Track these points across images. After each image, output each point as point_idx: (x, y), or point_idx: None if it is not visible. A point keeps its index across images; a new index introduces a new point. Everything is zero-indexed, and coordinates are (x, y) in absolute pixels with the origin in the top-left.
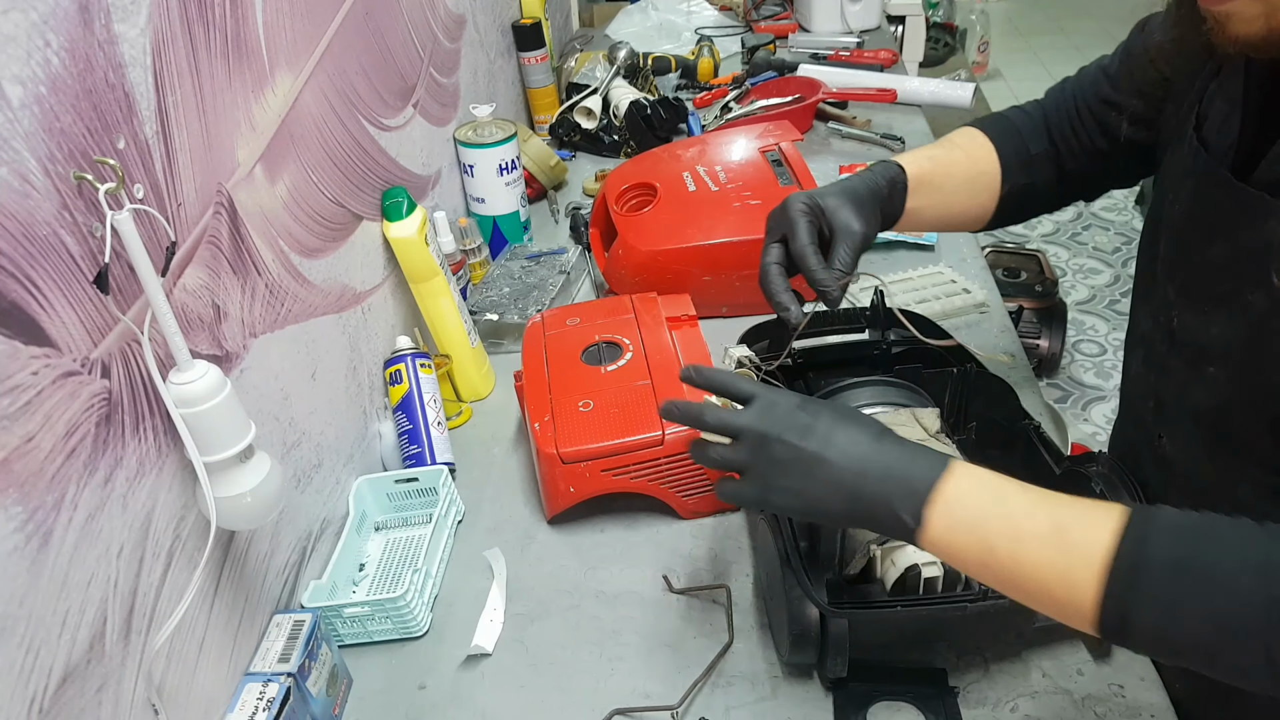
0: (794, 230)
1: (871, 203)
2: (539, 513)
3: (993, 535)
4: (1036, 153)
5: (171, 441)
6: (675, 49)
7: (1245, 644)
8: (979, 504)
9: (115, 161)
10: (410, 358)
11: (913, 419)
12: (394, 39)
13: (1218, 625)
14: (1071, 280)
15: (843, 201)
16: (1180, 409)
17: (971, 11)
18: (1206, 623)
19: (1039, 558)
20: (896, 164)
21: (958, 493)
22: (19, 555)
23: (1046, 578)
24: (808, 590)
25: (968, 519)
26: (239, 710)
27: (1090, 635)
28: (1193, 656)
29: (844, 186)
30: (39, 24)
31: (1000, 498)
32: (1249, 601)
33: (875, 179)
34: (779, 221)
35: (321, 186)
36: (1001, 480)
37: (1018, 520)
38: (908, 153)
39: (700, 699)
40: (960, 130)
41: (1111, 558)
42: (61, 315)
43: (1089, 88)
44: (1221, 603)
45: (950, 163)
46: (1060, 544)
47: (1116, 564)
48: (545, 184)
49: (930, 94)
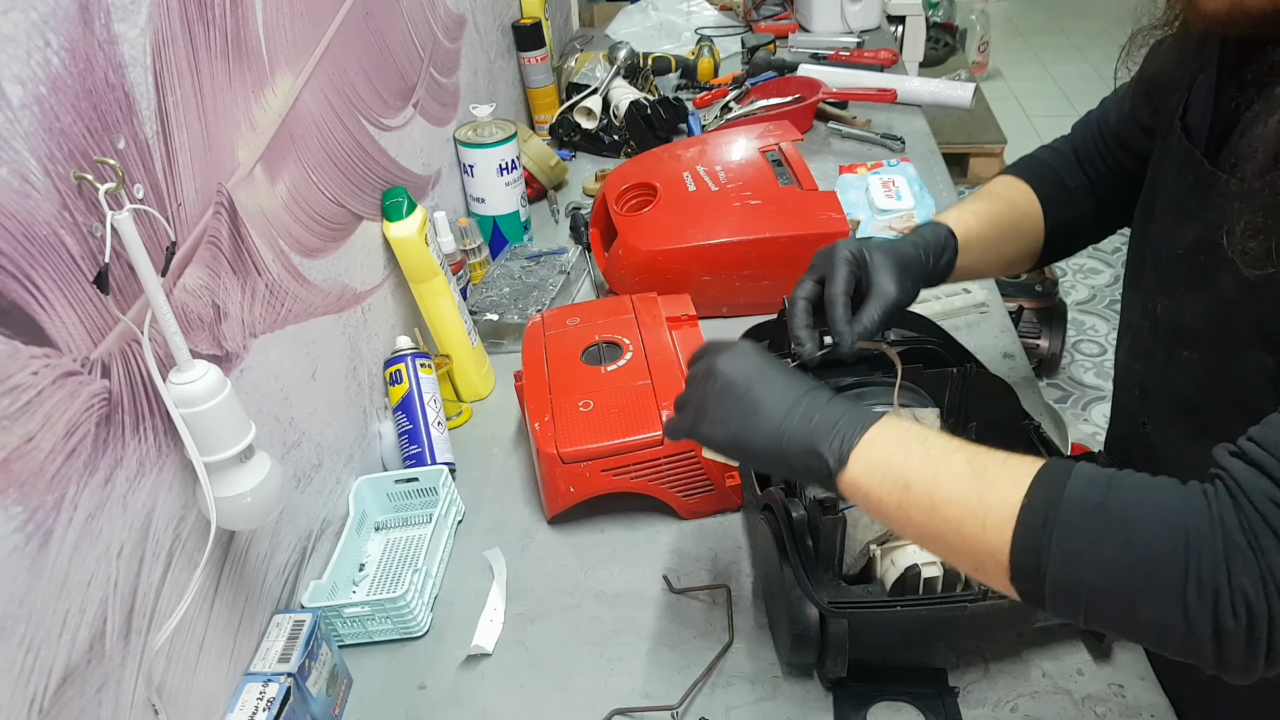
0: (833, 275)
1: (916, 271)
2: (539, 513)
3: (912, 473)
4: (1073, 186)
5: (171, 441)
6: (675, 49)
7: (1161, 594)
8: (901, 443)
9: (115, 161)
10: (410, 358)
11: (913, 419)
12: (394, 39)
13: (1133, 571)
14: (1071, 280)
15: (887, 261)
16: (1161, 395)
17: (971, 11)
18: (1121, 569)
19: (955, 495)
20: (945, 227)
21: (881, 432)
22: (19, 555)
23: (961, 518)
24: (807, 590)
25: (887, 457)
26: (239, 710)
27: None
28: (1105, 609)
29: (894, 247)
30: (39, 24)
31: (922, 438)
32: (1166, 550)
33: (925, 245)
34: (823, 261)
35: (321, 186)
36: (926, 428)
37: (936, 460)
38: (951, 210)
39: (700, 699)
40: (996, 180)
41: (1026, 496)
42: (61, 315)
43: (1109, 112)
44: (1138, 549)
45: (994, 214)
46: (978, 484)
47: (1030, 502)
48: (545, 184)
49: (930, 94)
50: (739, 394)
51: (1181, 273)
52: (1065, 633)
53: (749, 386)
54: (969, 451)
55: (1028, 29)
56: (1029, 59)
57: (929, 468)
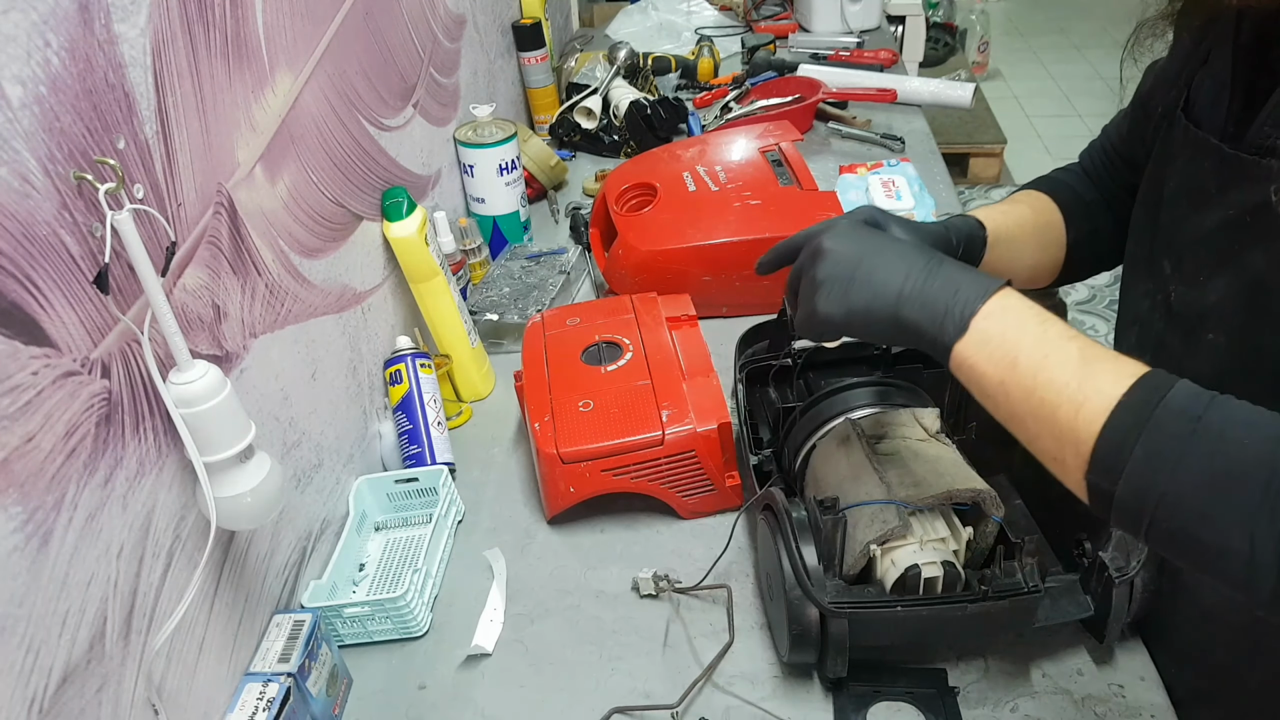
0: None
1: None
2: (539, 513)
3: (1022, 352)
4: (1090, 200)
5: (171, 441)
6: (675, 49)
7: (1234, 514)
8: (1019, 319)
9: (115, 161)
10: (410, 358)
11: (913, 419)
12: (394, 39)
13: (1211, 487)
14: None
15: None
16: None
17: (971, 11)
18: (1200, 482)
19: (1057, 379)
20: (975, 219)
21: (1001, 304)
22: (19, 555)
23: (1057, 402)
24: (807, 590)
25: (1001, 332)
26: (239, 710)
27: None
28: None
29: (917, 224)
30: (39, 24)
31: (1041, 319)
32: (1251, 471)
33: (954, 228)
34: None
35: (321, 186)
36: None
37: (1050, 342)
38: (978, 209)
39: (700, 699)
40: (1017, 194)
41: (1126, 394)
42: (61, 315)
43: (1112, 134)
44: (1222, 464)
45: (1020, 216)
46: (1083, 372)
47: (1128, 400)
48: (545, 184)
49: (930, 94)
50: (851, 266)
51: (1204, 258)
52: (1065, 633)
53: (861, 258)
54: (1083, 342)
55: (1028, 29)
56: (1029, 59)
57: (1040, 349)
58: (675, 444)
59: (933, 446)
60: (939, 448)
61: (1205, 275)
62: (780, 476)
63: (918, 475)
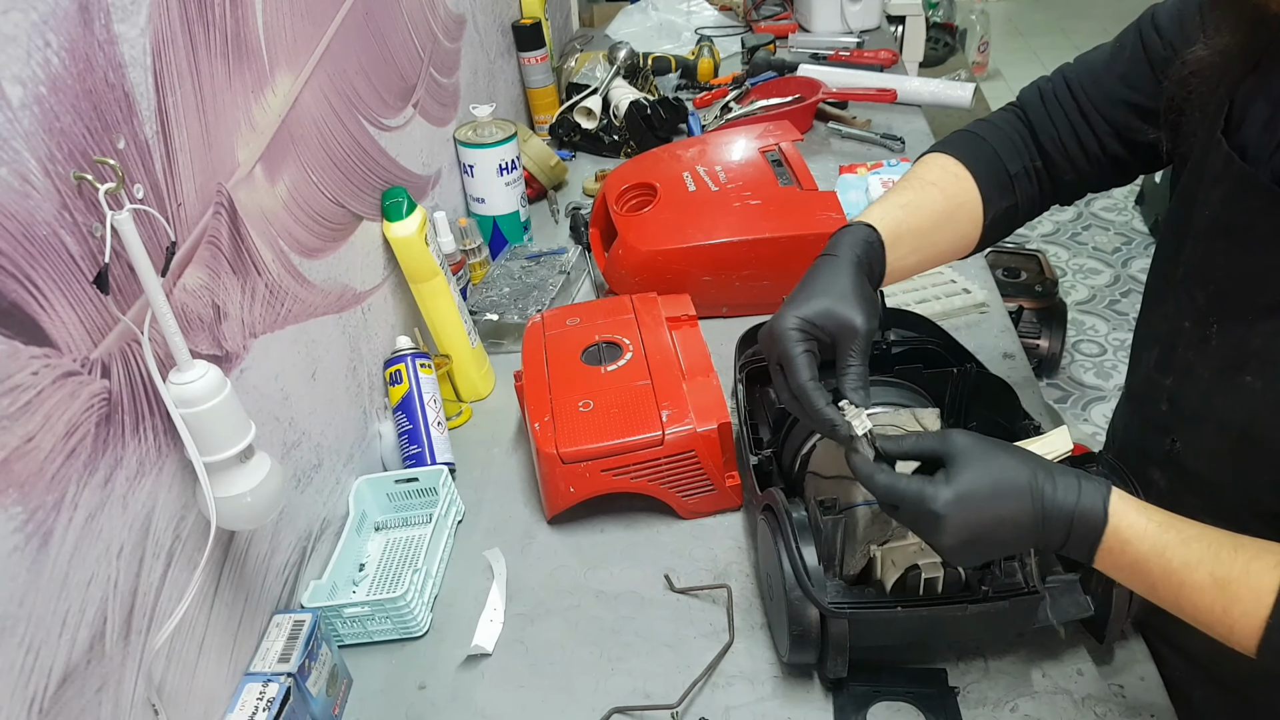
0: (791, 364)
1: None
2: (539, 513)
3: (1156, 583)
4: (1015, 171)
5: (171, 441)
6: (675, 49)
7: None
8: (1139, 554)
9: (115, 161)
10: (410, 358)
11: (913, 419)
12: (394, 39)
13: None
14: (1071, 280)
15: (830, 303)
16: (1203, 416)
17: (971, 11)
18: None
19: (1200, 606)
20: (865, 225)
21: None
22: (19, 555)
23: (1208, 622)
24: (808, 590)
25: (1129, 566)
26: (239, 710)
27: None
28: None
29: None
30: (39, 24)
31: (1159, 549)
32: None
33: (850, 254)
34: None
35: (321, 186)
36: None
37: (1177, 573)
38: (876, 204)
39: (700, 699)
40: (929, 160)
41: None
42: (61, 315)
43: (1096, 90)
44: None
45: (925, 204)
46: (1223, 597)
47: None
48: (545, 184)
49: (930, 94)
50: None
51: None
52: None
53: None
54: (1209, 563)
55: (1028, 29)
56: (1029, 59)
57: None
58: (675, 444)
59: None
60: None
61: (1252, 317)
62: (780, 476)
63: None
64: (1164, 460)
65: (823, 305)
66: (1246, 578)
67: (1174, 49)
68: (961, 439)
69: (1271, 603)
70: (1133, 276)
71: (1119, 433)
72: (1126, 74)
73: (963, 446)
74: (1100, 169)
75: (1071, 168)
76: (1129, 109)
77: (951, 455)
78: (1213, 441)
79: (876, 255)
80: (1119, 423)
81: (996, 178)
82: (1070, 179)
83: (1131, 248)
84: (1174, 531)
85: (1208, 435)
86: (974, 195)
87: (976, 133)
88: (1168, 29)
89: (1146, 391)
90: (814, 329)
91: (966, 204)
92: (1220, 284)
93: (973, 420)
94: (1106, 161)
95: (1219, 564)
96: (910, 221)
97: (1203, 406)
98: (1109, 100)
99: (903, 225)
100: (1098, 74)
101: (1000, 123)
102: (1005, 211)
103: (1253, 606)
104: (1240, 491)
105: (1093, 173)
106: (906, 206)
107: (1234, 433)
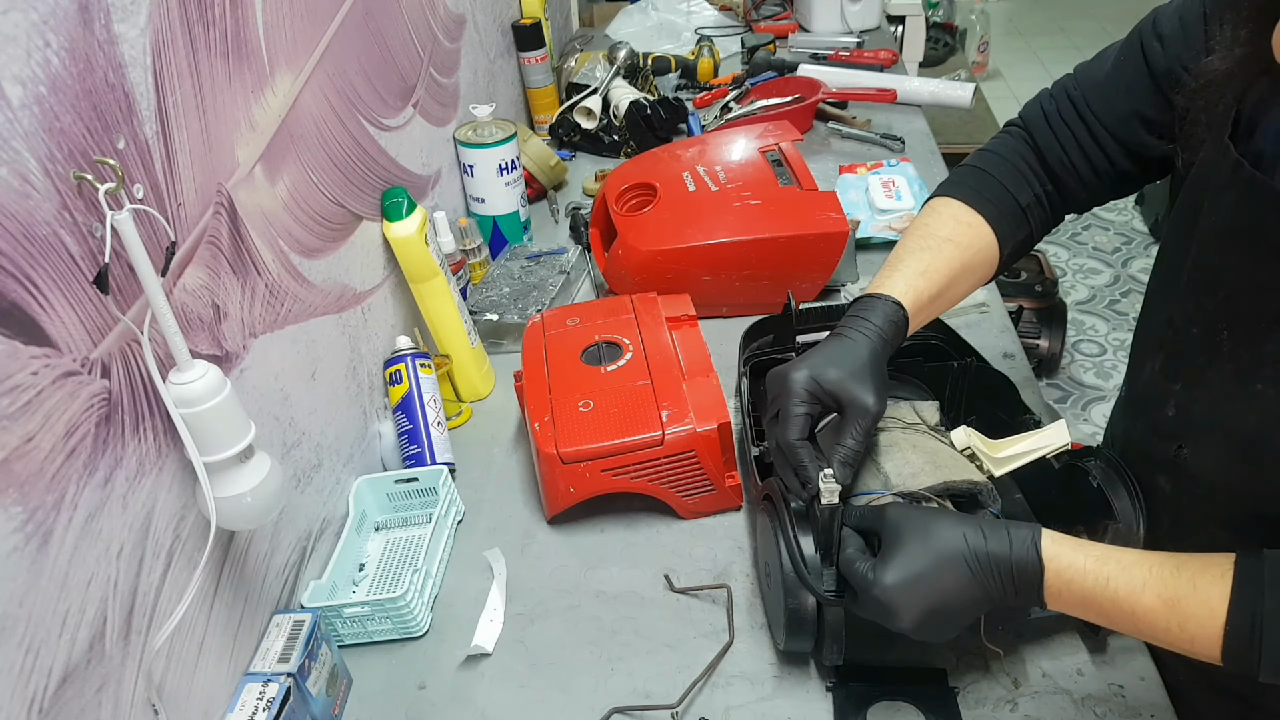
0: (786, 421)
1: (878, 366)
2: (539, 513)
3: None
4: (1027, 203)
5: (171, 441)
6: (675, 49)
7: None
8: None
9: (115, 161)
10: (410, 358)
11: (913, 412)
12: (394, 39)
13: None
14: (1071, 280)
15: (848, 377)
16: (1210, 423)
17: (971, 11)
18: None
19: (1157, 627)
20: (893, 303)
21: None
22: (19, 555)
23: (1169, 641)
24: (804, 577)
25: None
26: (239, 710)
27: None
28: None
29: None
30: (39, 24)
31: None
32: None
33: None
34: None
35: (321, 186)
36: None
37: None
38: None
39: (700, 699)
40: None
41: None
42: (61, 315)
43: (1103, 107)
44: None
45: (943, 266)
46: (1176, 616)
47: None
48: (545, 184)
49: (930, 94)
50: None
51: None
52: (1065, 632)
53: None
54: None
55: (1028, 29)
56: (1029, 59)
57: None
58: (675, 444)
59: (932, 439)
60: (938, 441)
61: (1266, 324)
62: None
63: (915, 467)
64: (1169, 466)
65: (840, 376)
66: (1195, 593)
67: (1179, 60)
68: (894, 513)
69: (1224, 612)
70: (1133, 276)
71: (1118, 436)
72: (1131, 87)
73: (894, 522)
74: (1111, 183)
75: (1082, 187)
76: (1137, 124)
77: (884, 532)
78: (1221, 448)
79: (899, 334)
80: (1118, 426)
81: (1009, 215)
82: (1081, 197)
83: (1131, 248)
84: (1112, 562)
85: (1216, 442)
86: (989, 240)
87: (982, 168)
88: (1170, 39)
89: (1151, 396)
90: (823, 394)
91: (983, 250)
92: (1231, 291)
93: (973, 414)
94: (1117, 176)
95: (1164, 585)
96: (931, 289)
97: (1212, 414)
98: (1116, 117)
99: (924, 294)
100: (1103, 89)
101: (1005, 151)
102: (1020, 243)
103: (1207, 620)
104: (1247, 498)
105: (1103, 187)
106: (926, 274)
107: (1243, 440)
